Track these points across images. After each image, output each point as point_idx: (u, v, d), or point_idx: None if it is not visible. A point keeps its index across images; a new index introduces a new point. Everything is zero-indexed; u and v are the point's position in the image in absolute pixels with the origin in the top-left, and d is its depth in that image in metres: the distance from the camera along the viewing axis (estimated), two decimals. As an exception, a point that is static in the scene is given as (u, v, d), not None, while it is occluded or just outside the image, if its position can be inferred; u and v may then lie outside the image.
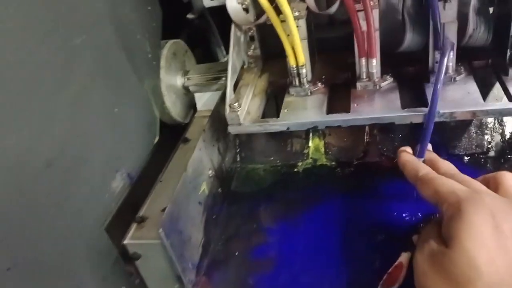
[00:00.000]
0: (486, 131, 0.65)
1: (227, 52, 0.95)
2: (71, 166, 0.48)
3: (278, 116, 0.57)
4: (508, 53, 0.53)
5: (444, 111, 0.50)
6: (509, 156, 0.63)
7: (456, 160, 0.63)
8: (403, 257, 0.50)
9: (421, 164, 0.49)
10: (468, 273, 0.37)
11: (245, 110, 0.58)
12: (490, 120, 0.65)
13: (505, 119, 0.64)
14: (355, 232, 0.58)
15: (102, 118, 0.53)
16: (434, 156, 0.52)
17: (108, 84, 0.55)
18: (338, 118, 0.53)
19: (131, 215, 0.57)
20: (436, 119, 0.50)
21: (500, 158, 0.63)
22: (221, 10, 0.68)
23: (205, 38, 0.90)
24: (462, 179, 0.45)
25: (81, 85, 0.50)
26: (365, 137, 0.69)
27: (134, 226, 0.55)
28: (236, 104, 0.56)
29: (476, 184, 0.44)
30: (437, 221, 0.46)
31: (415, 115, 0.51)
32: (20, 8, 0.42)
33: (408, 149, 0.53)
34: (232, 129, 0.57)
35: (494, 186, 0.45)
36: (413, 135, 0.67)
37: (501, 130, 0.64)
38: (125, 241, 0.51)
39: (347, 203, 0.63)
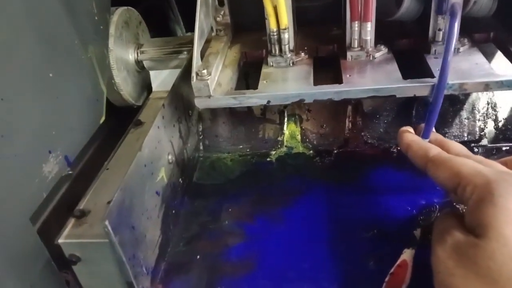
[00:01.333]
0: (478, 117, 0.59)
1: (188, 30, 0.85)
2: (-15, 137, 0.36)
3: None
4: (517, 22, 0.47)
5: (453, 82, 0.43)
6: (503, 144, 0.57)
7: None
8: (407, 255, 0.42)
9: (430, 144, 0.42)
10: (510, 266, 0.29)
11: (216, 81, 0.48)
12: (483, 105, 0.59)
13: (499, 104, 0.58)
14: (342, 229, 0.49)
15: (28, 81, 0.42)
16: (441, 137, 0.45)
17: (40, 40, 0.43)
18: (329, 89, 0.45)
19: (69, 207, 0.46)
20: (444, 92, 0.43)
21: (493, 147, 0.58)
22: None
23: (162, 13, 0.80)
24: (480, 160, 0.38)
25: (4, 36, 0.38)
26: (347, 123, 0.61)
27: (71, 221, 0.44)
28: (204, 71, 0.46)
29: (499, 165, 0.37)
30: (452, 210, 0.39)
31: (421, 87, 0.43)
32: None
33: (410, 129, 0.46)
34: (200, 103, 0.46)
35: None
36: (400, 120, 0.60)
37: (494, 116, 0.58)
38: (60, 240, 0.40)
39: (329, 196, 0.54)
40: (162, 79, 0.67)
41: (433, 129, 0.45)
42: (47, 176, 0.44)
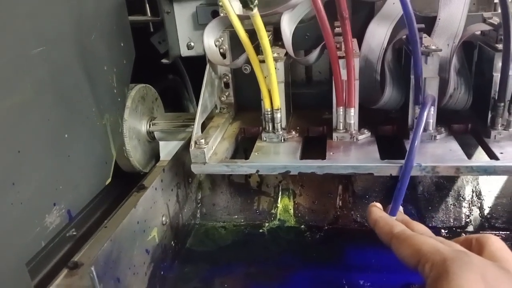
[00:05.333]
0: (464, 204, 0.61)
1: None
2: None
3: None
4: (490, 115, 0.51)
5: (426, 165, 0.46)
6: (490, 232, 0.59)
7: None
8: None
9: (395, 221, 0.44)
10: None
11: (212, 150, 0.53)
12: (468, 192, 0.61)
13: (483, 192, 0.61)
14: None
15: (45, 138, 0.47)
16: (407, 217, 0.47)
17: (60, 104, 0.49)
18: (312, 163, 0.49)
19: (64, 259, 0.49)
20: (418, 173, 0.47)
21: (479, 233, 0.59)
22: (197, 63, 0.66)
23: (178, 92, 0.88)
24: (440, 240, 0.40)
25: (26, 96, 0.44)
26: (338, 201, 0.64)
27: (64, 272, 0.47)
28: (202, 141, 0.51)
29: (457, 245, 0.39)
30: None
31: (395, 167, 0.47)
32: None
33: (379, 205, 0.49)
34: (195, 168, 0.51)
35: (477, 249, 0.40)
36: (389, 201, 0.63)
37: (479, 204, 0.61)
38: (50, 288, 0.43)
39: (316, 272, 0.56)
40: (169, 149, 0.72)
41: (401, 210, 0.47)
42: (48, 226, 0.48)
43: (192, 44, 0.69)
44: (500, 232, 0.59)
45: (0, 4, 0.41)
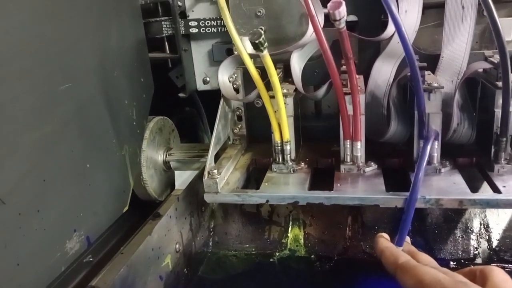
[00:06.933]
0: (472, 236, 0.62)
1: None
2: (22, 209, 0.43)
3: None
4: (493, 150, 0.53)
5: (430, 197, 0.48)
6: (498, 264, 0.59)
7: (441, 265, 0.59)
8: None
9: (401, 252, 0.46)
10: None
11: (224, 180, 0.56)
12: (476, 225, 0.62)
13: (491, 225, 0.62)
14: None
15: (68, 168, 0.50)
16: (413, 248, 0.49)
17: (83, 136, 0.52)
18: (320, 195, 0.51)
19: (82, 283, 0.51)
20: (422, 205, 0.48)
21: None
22: (212, 97, 0.70)
23: (194, 124, 0.91)
24: (444, 271, 0.42)
25: (53, 128, 0.48)
26: (347, 232, 0.65)
27: (82, 296, 0.48)
28: (215, 171, 0.53)
29: (460, 276, 0.41)
30: None
31: (401, 199, 0.49)
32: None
33: (386, 236, 0.50)
34: (208, 197, 0.53)
35: (481, 280, 0.41)
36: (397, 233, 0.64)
37: (487, 237, 0.61)
38: (67, 312, 0.45)
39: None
40: (184, 179, 0.75)
41: (409, 241, 0.49)
42: (68, 252, 0.50)
43: (208, 79, 0.73)
44: (509, 265, 0.59)
45: (34, 44, 0.45)
